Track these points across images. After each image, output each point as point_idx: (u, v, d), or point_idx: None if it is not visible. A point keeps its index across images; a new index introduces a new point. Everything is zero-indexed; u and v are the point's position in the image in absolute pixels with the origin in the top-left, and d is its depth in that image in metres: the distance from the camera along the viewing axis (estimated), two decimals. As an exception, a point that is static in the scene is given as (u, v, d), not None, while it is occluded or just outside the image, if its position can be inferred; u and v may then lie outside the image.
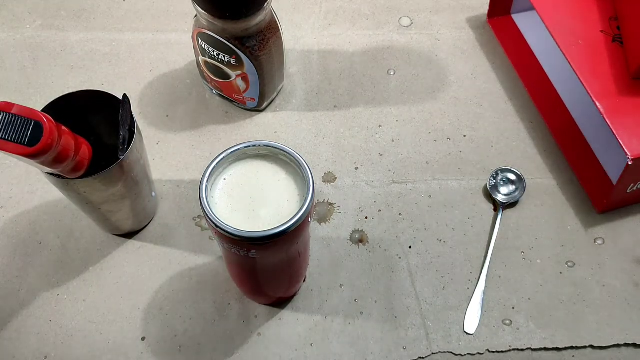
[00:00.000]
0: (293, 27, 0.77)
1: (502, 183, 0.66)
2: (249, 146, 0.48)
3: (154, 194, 0.62)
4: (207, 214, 0.45)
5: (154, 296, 0.60)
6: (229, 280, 0.60)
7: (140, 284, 0.61)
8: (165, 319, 0.59)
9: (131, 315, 0.59)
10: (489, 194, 0.66)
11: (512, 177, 0.66)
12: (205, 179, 0.47)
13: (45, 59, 0.75)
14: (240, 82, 0.66)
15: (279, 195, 0.48)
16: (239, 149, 0.48)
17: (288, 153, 0.48)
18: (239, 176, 0.49)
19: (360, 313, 0.60)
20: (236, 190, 0.48)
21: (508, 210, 0.65)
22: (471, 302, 0.60)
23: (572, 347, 0.58)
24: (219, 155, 0.48)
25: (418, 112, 0.71)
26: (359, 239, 0.63)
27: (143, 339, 0.58)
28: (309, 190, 0.46)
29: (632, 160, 0.58)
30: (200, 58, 0.67)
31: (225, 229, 0.44)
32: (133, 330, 0.59)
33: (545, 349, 0.58)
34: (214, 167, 0.48)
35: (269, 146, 0.48)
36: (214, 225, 0.45)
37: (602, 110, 0.60)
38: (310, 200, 0.46)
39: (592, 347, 0.59)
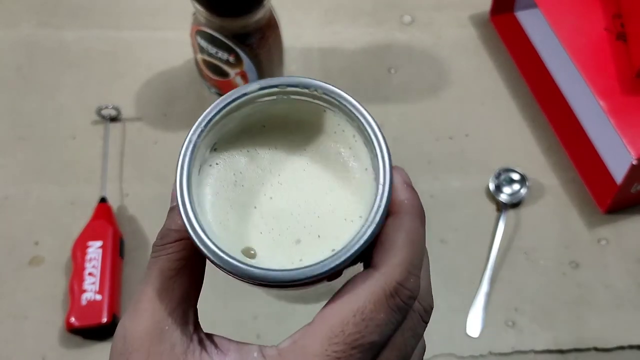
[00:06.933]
0: (293, 25, 0.76)
1: (504, 183, 0.65)
2: (294, 86, 0.28)
3: None
4: (187, 224, 0.26)
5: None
6: (228, 280, 0.59)
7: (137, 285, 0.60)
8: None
9: (129, 317, 0.59)
10: (491, 194, 0.65)
11: (515, 176, 0.65)
12: (188, 156, 0.27)
13: (42, 57, 0.74)
14: (239, 80, 0.65)
15: (322, 192, 0.29)
16: (263, 90, 0.28)
17: (354, 109, 0.28)
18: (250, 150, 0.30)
19: (361, 315, 0.59)
20: (243, 176, 0.29)
21: (511, 210, 0.64)
22: (474, 304, 0.59)
23: (575, 349, 0.58)
24: (221, 105, 0.28)
25: (419, 110, 0.71)
26: (360, 239, 0.63)
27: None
28: (382, 186, 0.26)
29: (637, 160, 0.57)
30: (199, 56, 0.66)
31: (220, 260, 0.26)
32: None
33: (549, 351, 0.58)
34: (212, 121, 0.28)
35: (326, 92, 0.28)
36: (199, 248, 0.26)
37: (605, 108, 0.59)
38: (384, 209, 0.26)
39: (595, 349, 0.58)
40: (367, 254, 0.27)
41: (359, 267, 0.28)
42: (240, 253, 0.28)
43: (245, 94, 0.28)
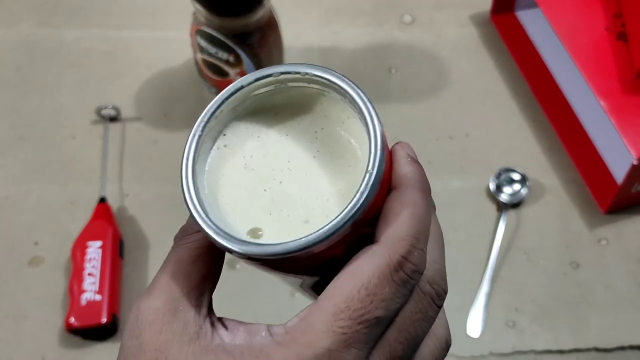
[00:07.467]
0: (293, 24, 0.76)
1: (505, 183, 0.65)
2: (287, 73, 0.29)
3: None
4: (190, 206, 0.27)
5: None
6: (229, 280, 0.59)
7: (138, 288, 0.60)
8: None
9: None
10: (492, 194, 0.65)
11: (516, 176, 0.65)
12: (193, 147, 0.28)
13: (42, 57, 0.74)
14: (239, 80, 0.65)
15: (331, 178, 0.29)
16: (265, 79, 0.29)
17: (353, 93, 0.28)
18: (253, 132, 0.30)
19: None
20: (253, 160, 0.30)
21: (511, 210, 0.64)
22: (474, 304, 0.59)
23: (576, 350, 0.58)
24: (230, 91, 0.29)
25: (420, 110, 0.71)
26: (360, 239, 0.63)
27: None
28: (372, 153, 0.26)
29: (638, 160, 0.57)
30: (198, 56, 0.66)
31: (212, 233, 0.27)
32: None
33: (549, 351, 0.58)
34: (217, 110, 0.29)
35: (322, 77, 0.29)
36: (195, 222, 0.27)
37: (606, 108, 0.59)
38: (369, 192, 0.26)
39: (596, 349, 0.58)
40: (369, 231, 0.27)
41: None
42: (246, 233, 0.28)
43: (242, 87, 0.29)
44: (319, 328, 0.25)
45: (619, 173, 0.63)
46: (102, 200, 0.63)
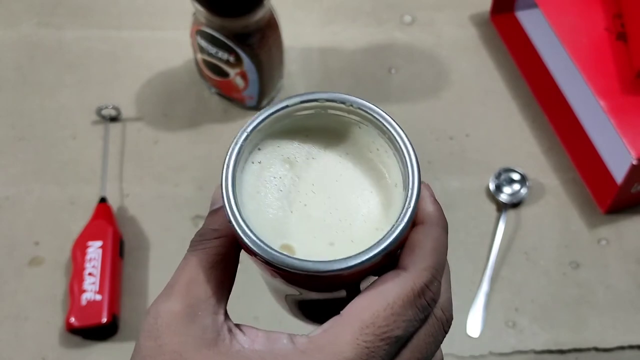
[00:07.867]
0: (293, 24, 0.76)
1: (505, 183, 0.65)
2: (332, 101, 0.31)
3: None
4: (230, 215, 0.28)
5: (152, 300, 0.59)
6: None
7: (138, 288, 0.60)
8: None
9: (130, 318, 0.59)
10: (492, 194, 0.65)
11: (516, 176, 0.65)
12: (234, 156, 0.29)
13: (42, 57, 0.74)
14: (239, 80, 0.65)
15: (354, 204, 0.30)
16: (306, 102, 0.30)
17: (392, 129, 0.31)
18: (288, 154, 0.31)
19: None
20: (282, 181, 0.31)
21: (511, 210, 0.64)
22: (474, 304, 0.59)
23: (575, 349, 0.58)
24: (267, 112, 0.30)
25: (420, 110, 0.71)
26: (360, 239, 0.63)
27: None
28: (411, 191, 0.29)
29: (637, 160, 0.57)
30: (199, 56, 0.66)
31: (261, 249, 0.27)
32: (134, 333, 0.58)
33: (549, 351, 0.58)
34: (261, 124, 0.30)
35: (364, 109, 0.31)
36: (240, 237, 0.28)
37: (605, 108, 0.59)
38: (406, 224, 0.28)
39: (596, 349, 0.58)
40: (391, 259, 0.29)
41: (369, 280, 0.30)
42: (278, 247, 0.29)
43: (287, 106, 0.30)
44: (345, 340, 0.26)
45: (619, 173, 0.63)
46: (103, 200, 0.63)
